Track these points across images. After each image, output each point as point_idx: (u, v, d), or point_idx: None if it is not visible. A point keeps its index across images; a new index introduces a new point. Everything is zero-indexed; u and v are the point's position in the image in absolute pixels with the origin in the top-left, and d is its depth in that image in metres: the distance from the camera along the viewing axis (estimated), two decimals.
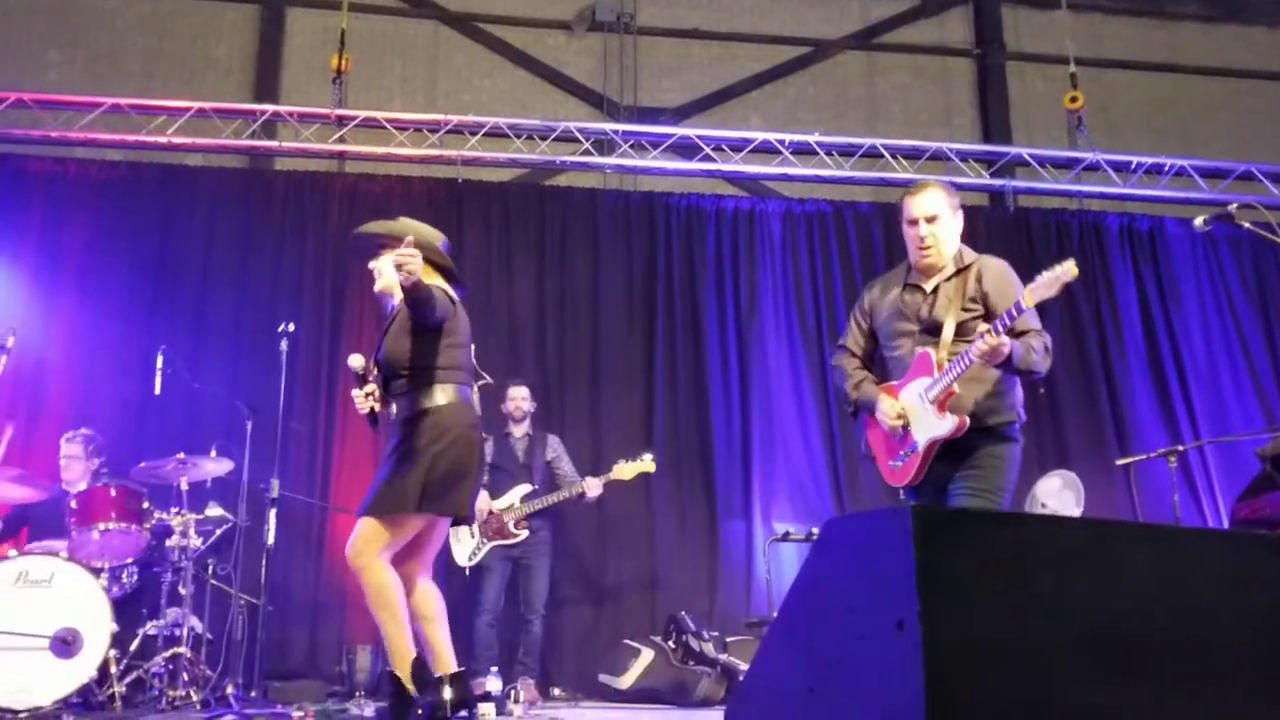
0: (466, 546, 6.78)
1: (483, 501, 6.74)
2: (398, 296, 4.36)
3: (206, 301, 7.63)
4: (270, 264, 7.90)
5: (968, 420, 3.68)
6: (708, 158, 8.70)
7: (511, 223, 8.36)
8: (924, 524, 2.02)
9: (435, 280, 4.37)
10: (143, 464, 6.09)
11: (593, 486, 6.84)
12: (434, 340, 4.26)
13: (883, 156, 8.77)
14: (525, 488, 6.88)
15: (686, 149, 8.79)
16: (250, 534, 6.22)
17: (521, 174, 8.97)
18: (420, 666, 4.14)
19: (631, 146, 8.68)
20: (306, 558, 7.32)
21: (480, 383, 4.56)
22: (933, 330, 3.80)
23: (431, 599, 4.29)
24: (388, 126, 8.38)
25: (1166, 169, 8.99)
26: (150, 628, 5.76)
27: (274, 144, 8.27)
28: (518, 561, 6.83)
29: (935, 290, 3.86)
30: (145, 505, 5.85)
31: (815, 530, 6.81)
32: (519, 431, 7.09)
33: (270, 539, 5.67)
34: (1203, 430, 8.39)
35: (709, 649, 6.66)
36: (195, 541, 5.93)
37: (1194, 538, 2.38)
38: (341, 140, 8.33)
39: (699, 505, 7.89)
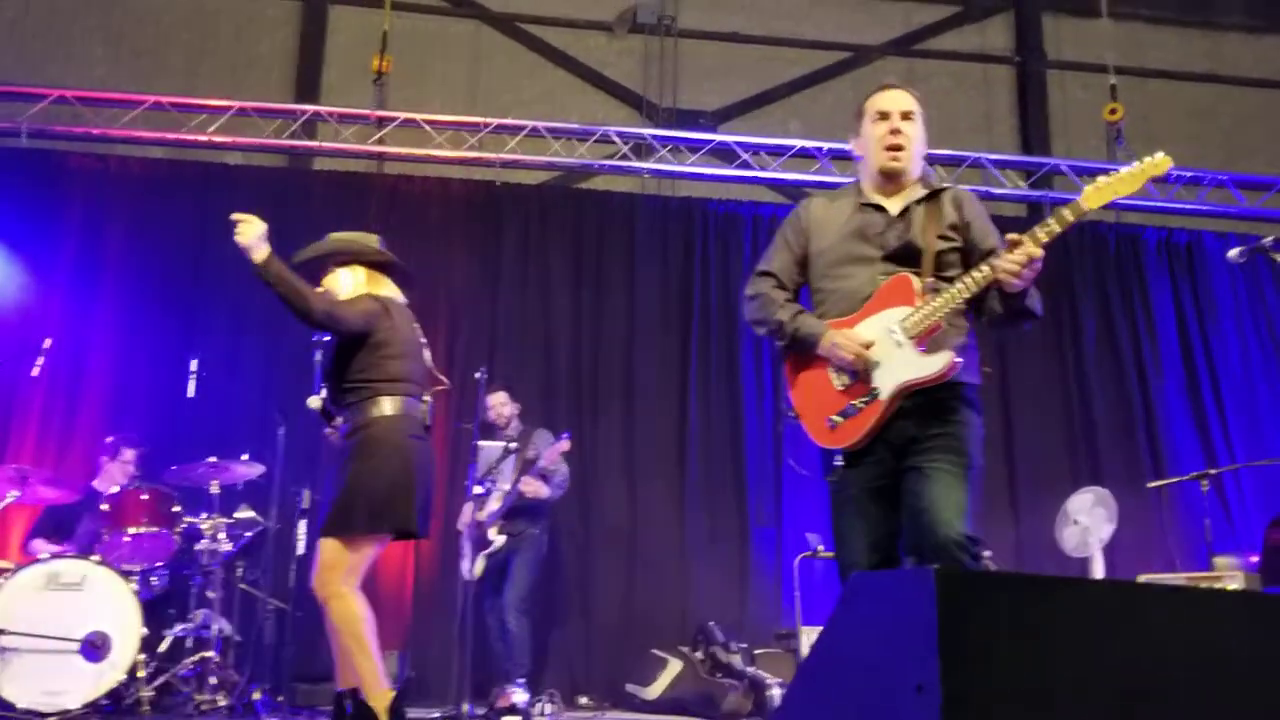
0: (468, 561, 6.57)
1: (466, 512, 6.55)
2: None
3: (244, 303, 7.52)
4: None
5: (960, 360, 2.99)
6: (745, 164, 8.61)
7: (549, 226, 8.25)
8: (947, 585, 1.98)
9: (379, 288, 4.31)
10: (174, 467, 6.05)
11: (527, 482, 6.45)
12: (368, 353, 4.16)
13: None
14: (488, 483, 6.51)
15: (725, 154, 8.71)
16: (281, 537, 6.15)
17: (558, 176, 8.95)
18: (396, 700, 4.01)
19: (669, 151, 8.64)
20: None
21: (437, 388, 4.43)
22: (902, 258, 3.12)
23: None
24: (427, 128, 8.35)
25: (1206, 182, 8.80)
26: (179, 630, 5.73)
27: (314, 144, 8.17)
28: (500, 570, 6.53)
29: (905, 213, 3.18)
30: (176, 509, 5.83)
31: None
32: (505, 435, 6.79)
33: (300, 548, 5.66)
34: (1238, 452, 8.18)
35: (737, 661, 6.60)
36: (225, 545, 5.90)
37: (1220, 600, 2.33)
38: (381, 141, 8.25)
39: (730, 514, 7.80)
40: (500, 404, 6.85)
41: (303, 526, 5.70)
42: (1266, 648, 2.20)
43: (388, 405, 4.15)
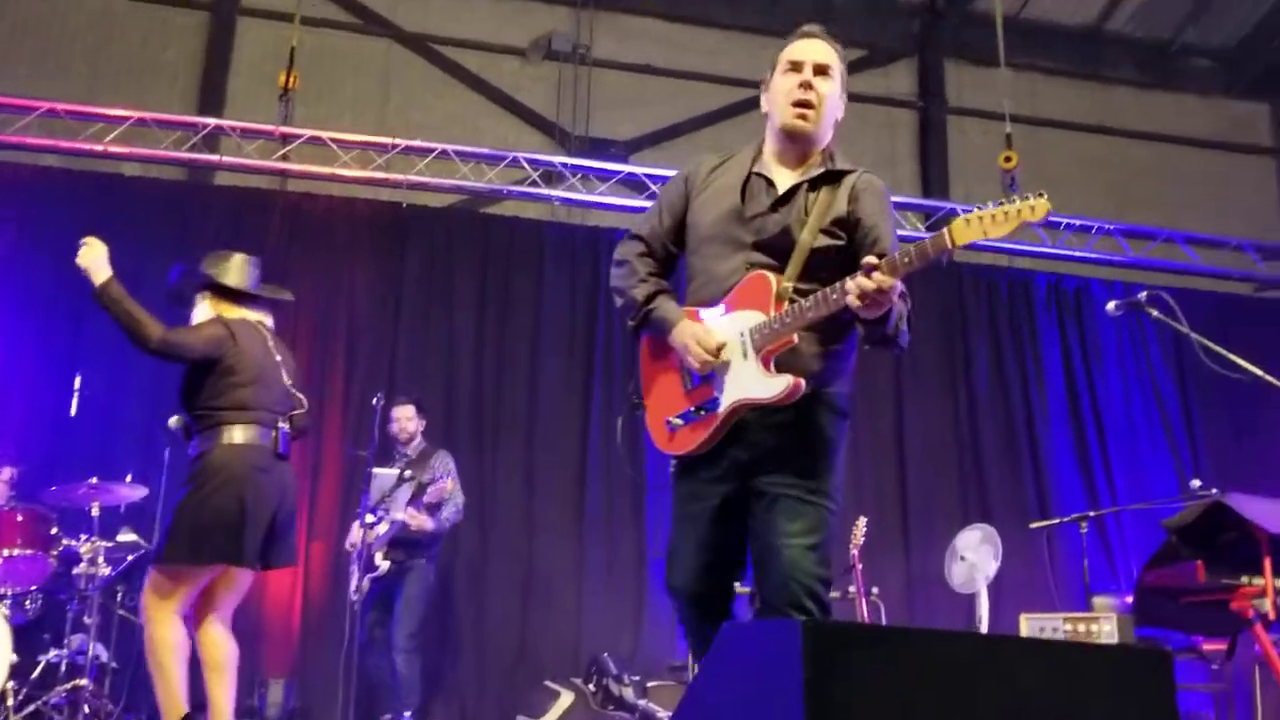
0: (354, 581, 6.39)
1: (354, 533, 6.39)
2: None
3: None
4: None
5: (804, 384, 2.62)
6: (655, 195, 8.66)
7: (454, 249, 8.13)
8: (814, 639, 1.98)
9: (233, 312, 4.27)
10: (54, 488, 5.81)
11: (409, 515, 6.25)
12: (216, 380, 4.08)
13: None
14: (380, 511, 6.30)
15: (635, 185, 8.71)
16: None
17: (466, 200, 8.85)
18: None
19: (580, 180, 8.62)
20: None
21: (295, 412, 4.32)
22: (774, 249, 2.73)
23: (216, 647, 4.09)
24: (333, 146, 8.14)
25: (1094, 230, 9.04)
26: (53, 656, 5.49)
27: (214, 157, 7.94)
28: (386, 596, 6.29)
29: (791, 194, 2.77)
30: (54, 530, 5.61)
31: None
32: (402, 453, 6.61)
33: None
34: (1121, 491, 8.37)
35: (629, 694, 6.54)
36: (104, 569, 5.66)
37: (1082, 653, 2.38)
38: (285, 158, 8.06)
39: (629, 544, 7.71)
40: (406, 418, 6.65)
41: None
42: (1125, 697, 2.25)
43: (234, 434, 4.06)
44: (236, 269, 4.34)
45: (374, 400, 6.15)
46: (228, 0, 8.98)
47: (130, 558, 6.01)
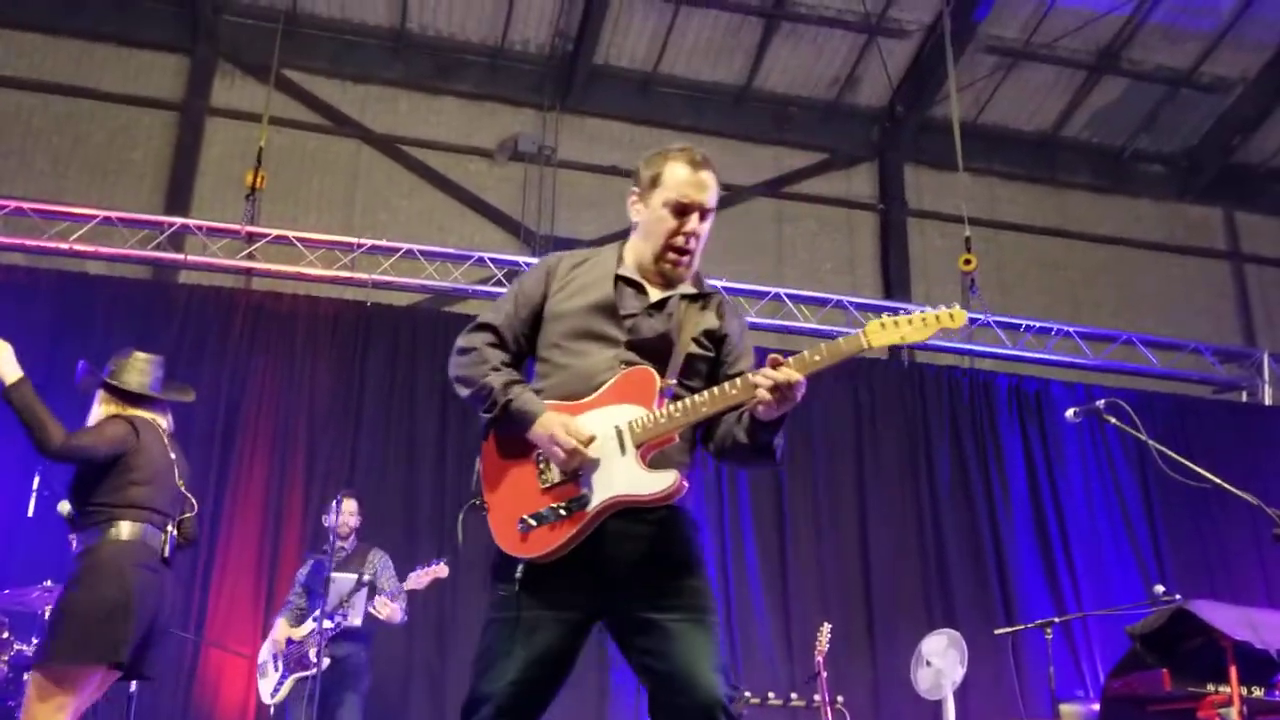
0: (270, 681, 6.18)
1: (279, 631, 6.25)
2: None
3: None
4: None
5: (687, 484, 2.54)
6: None
7: (418, 346, 8.11)
8: None
9: (130, 410, 4.23)
10: (6, 590, 5.67)
11: (381, 603, 6.12)
12: (113, 476, 4.02)
13: (786, 305, 8.95)
14: (338, 616, 6.08)
15: None
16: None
17: (430, 298, 8.86)
18: None
19: None
20: (175, 694, 6.84)
21: (186, 516, 4.26)
22: (648, 351, 2.68)
23: None
24: (299, 245, 8.23)
25: (1054, 332, 9.20)
26: None
27: (179, 256, 8.01)
28: (322, 696, 5.80)
29: (664, 304, 2.74)
30: (4, 635, 5.49)
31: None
32: (338, 547, 6.38)
33: (133, 685, 5.37)
34: (1085, 594, 8.39)
35: None
36: None
37: None
38: (250, 257, 8.13)
39: (587, 650, 7.66)
40: (350, 512, 6.50)
41: None
42: None
43: (123, 530, 3.97)
44: (138, 369, 4.32)
45: (334, 501, 6.11)
46: (197, 100, 9.10)
47: None
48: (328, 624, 5.91)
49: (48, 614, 5.58)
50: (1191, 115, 10.65)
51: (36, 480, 5.64)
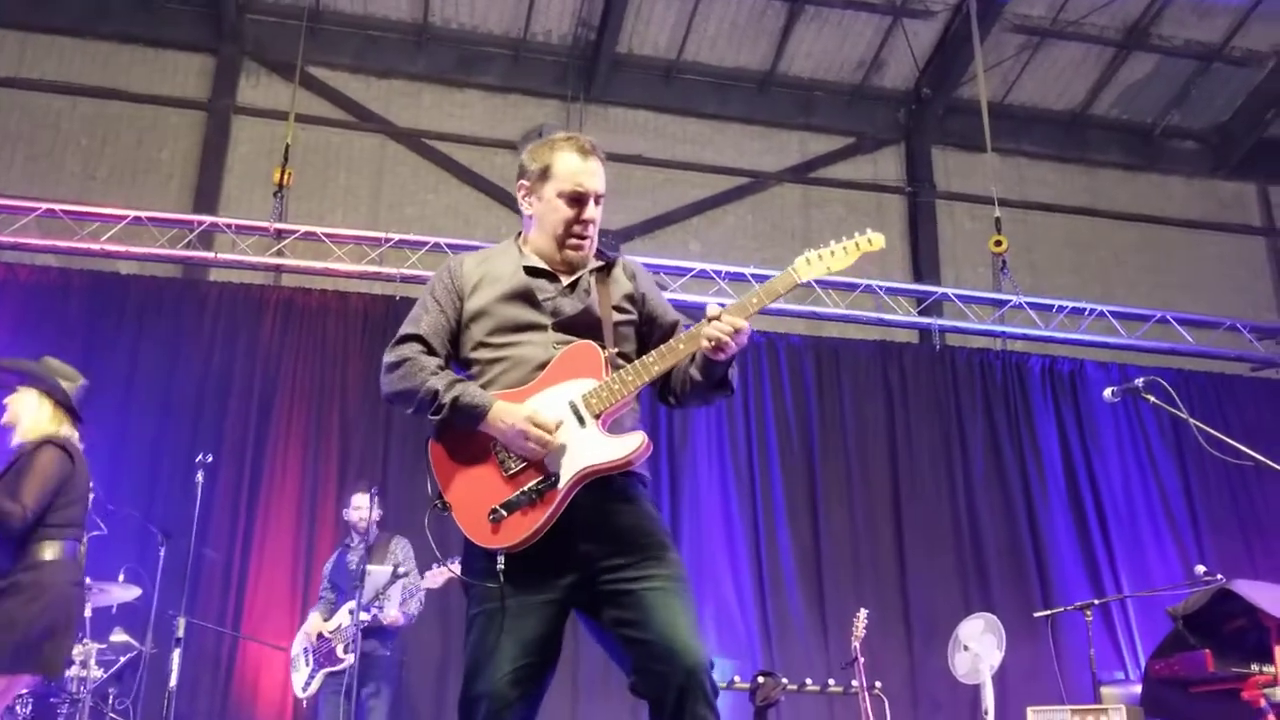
0: (302, 675, 6.22)
1: (312, 624, 6.30)
2: (20, 438, 4.26)
3: (128, 417, 7.33)
4: (197, 379, 7.64)
5: (648, 443, 2.62)
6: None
7: None
8: None
9: (61, 426, 4.28)
10: None
11: (391, 610, 6.12)
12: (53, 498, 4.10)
13: (815, 290, 8.91)
14: (374, 609, 6.11)
15: None
16: (156, 663, 5.87)
17: None
18: None
19: None
20: (214, 689, 6.93)
21: (92, 534, 4.39)
22: (577, 328, 2.71)
23: None
24: (327, 241, 8.26)
25: (1087, 313, 9.12)
26: None
27: (209, 254, 8.06)
28: (350, 690, 5.82)
29: (576, 283, 2.78)
30: None
31: (737, 679, 6.59)
32: (358, 541, 6.47)
33: (173, 680, 5.41)
34: (1123, 576, 8.35)
35: None
36: (96, 673, 5.56)
37: None
38: (279, 253, 8.18)
39: (560, 686, 7.63)
40: (359, 507, 6.51)
41: (176, 658, 5.46)
42: None
43: (63, 549, 4.10)
44: (73, 383, 4.37)
45: (370, 493, 6.14)
46: (223, 99, 9.15)
47: (123, 659, 5.95)
48: (364, 616, 5.94)
49: (88, 611, 5.69)
50: (1223, 90, 10.52)
51: None
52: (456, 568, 5.99)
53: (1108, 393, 4.61)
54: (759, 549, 8.10)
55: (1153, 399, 4.34)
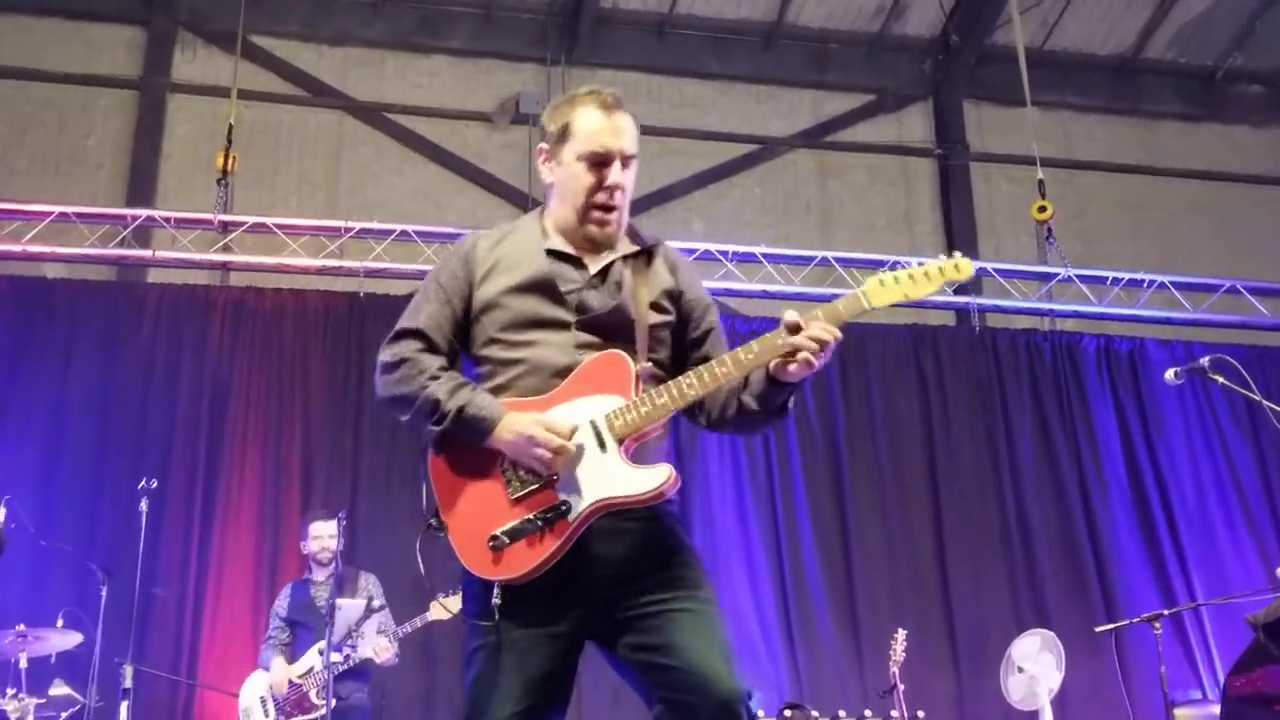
0: None
1: (278, 671, 6.28)
2: None
3: (60, 440, 7.35)
4: (137, 395, 7.65)
5: (679, 478, 2.55)
6: None
7: None
8: None
9: None
10: None
11: (383, 649, 6.13)
12: None
13: (836, 270, 8.91)
14: (347, 648, 6.12)
15: None
16: (102, 718, 5.89)
17: None
18: None
19: None
20: None
21: None
22: (605, 328, 2.64)
23: None
24: (279, 233, 8.26)
25: (1146, 285, 9.11)
26: None
27: (146, 253, 8.08)
28: None
29: (607, 272, 2.72)
30: None
31: (761, 714, 6.61)
32: (322, 575, 6.48)
33: None
34: (1197, 582, 8.36)
35: None
36: None
37: None
38: (226, 249, 8.18)
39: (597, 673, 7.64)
40: (327, 535, 6.49)
41: (125, 712, 5.49)
42: None
43: None
44: None
45: (338, 518, 6.15)
46: (156, 76, 9.16)
47: (64, 715, 5.96)
48: (336, 657, 5.95)
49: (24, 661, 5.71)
50: None
51: (2, 511, 5.72)
52: (454, 604, 5.99)
53: (1170, 374, 4.64)
54: (781, 566, 8.11)
55: (1221, 380, 4.38)
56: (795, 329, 2.51)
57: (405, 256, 8.45)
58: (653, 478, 2.51)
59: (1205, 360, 4.44)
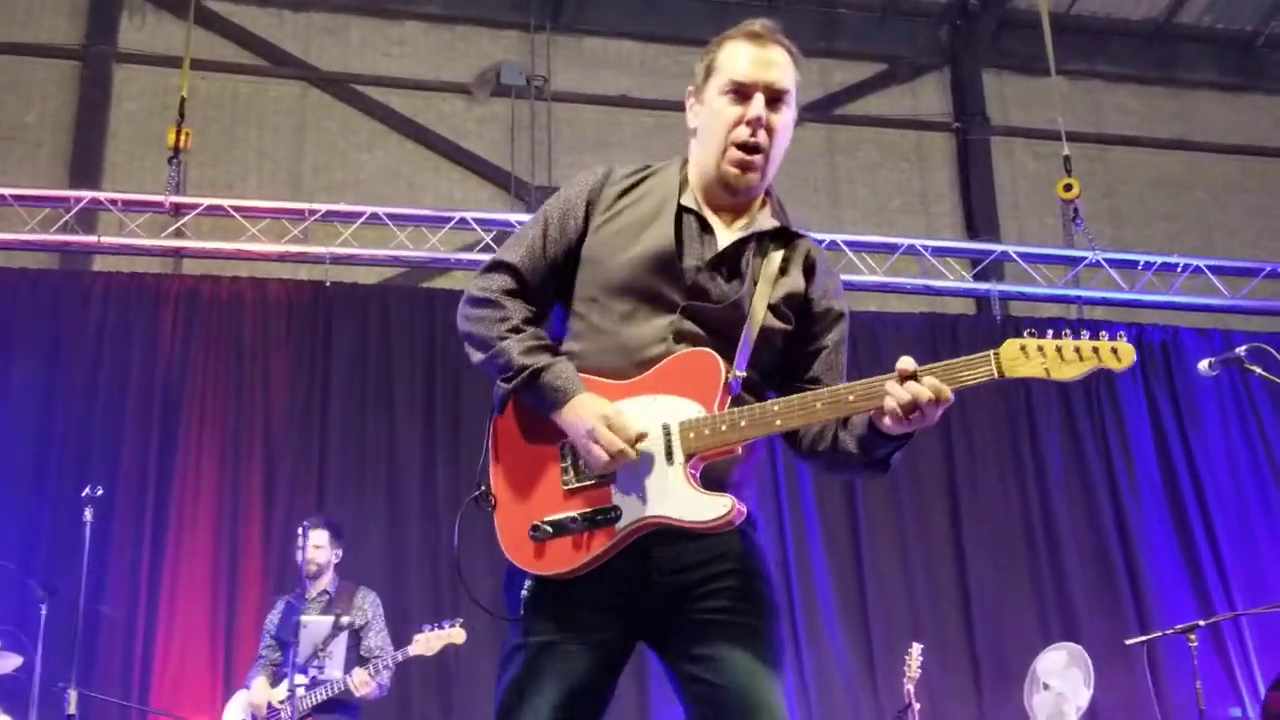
0: None
1: (258, 692, 6.22)
2: None
3: None
4: (82, 393, 7.60)
5: (744, 510, 2.44)
6: None
7: (392, 333, 8.16)
8: None
9: None
10: None
11: (361, 680, 6.06)
12: None
13: (846, 254, 8.87)
14: (313, 669, 6.07)
15: None
16: None
17: (404, 273, 8.85)
18: None
19: None
20: None
21: None
22: (713, 321, 2.55)
23: None
24: (237, 216, 8.21)
25: (1180, 269, 9.08)
26: None
27: (91, 238, 8.01)
28: None
29: (740, 248, 2.60)
30: None
31: None
32: (315, 590, 6.45)
33: None
34: (1235, 590, 8.36)
35: None
36: None
37: None
38: (178, 233, 8.12)
39: (625, 691, 7.68)
40: (316, 546, 6.45)
41: None
42: None
43: None
44: None
45: (299, 529, 6.11)
46: (101, 44, 9.10)
47: None
48: (300, 679, 5.91)
49: None
50: None
51: None
52: (456, 633, 5.96)
53: (1204, 365, 4.61)
54: (789, 576, 8.09)
55: (1259, 370, 4.34)
56: (906, 377, 2.37)
57: (375, 241, 8.41)
58: (711, 508, 2.42)
59: (1242, 349, 4.41)
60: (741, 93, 2.56)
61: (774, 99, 2.57)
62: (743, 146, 2.56)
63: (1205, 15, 10.65)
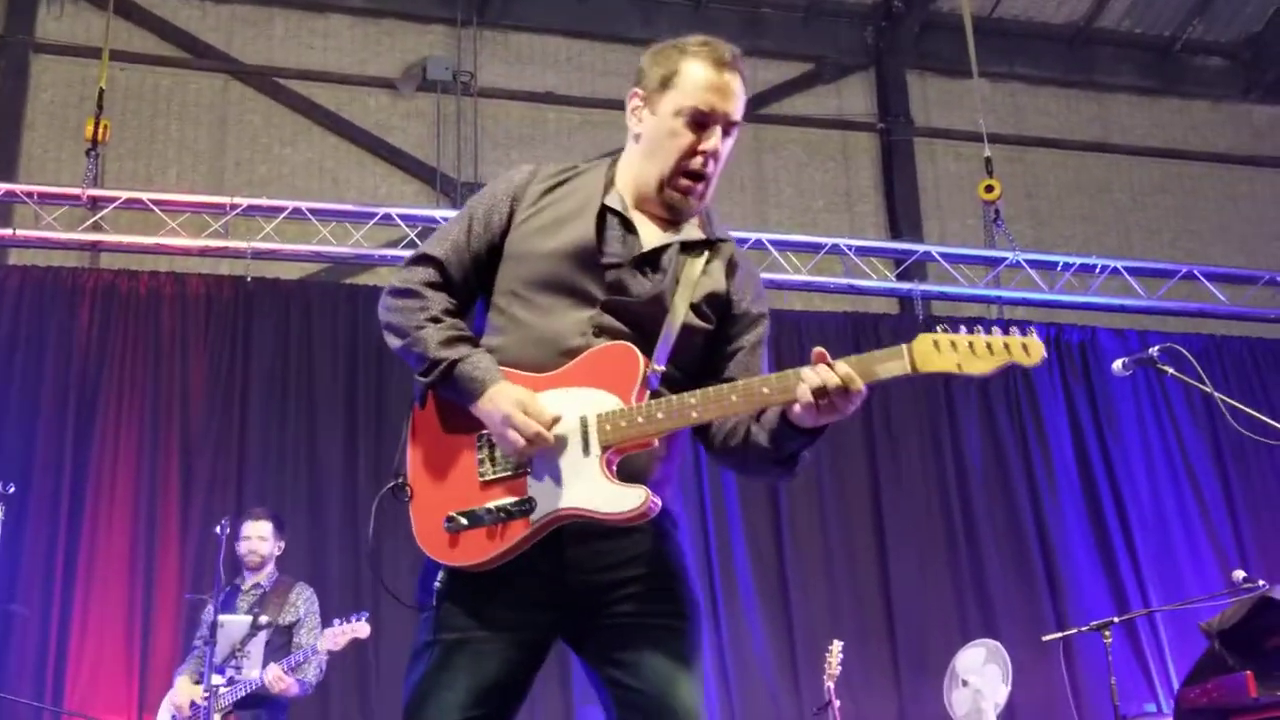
0: None
1: (181, 692, 6.15)
2: None
3: None
4: None
5: (659, 503, 2.44)
6: None
7: (315, 332, 8.12)
8: None
9: None
10: None
11: (274, 676, 5.98)
12: None
13: (771, 253, 8.91)
14: (230, 669, 5.99)
15: None
16: None
17: (326, 268, 8.80)
18: None
19: None
20: None
21: None
22: (632, 316, 2.56)
23: None
24: (157, 210, 8.10)
25: (1099, 270, 9.19)
26: None
27: (6, 231, 7.91)
28: None
29: (661, 253, 2.61)
30: None
31: None
32: (250, 583, 6.40)
33: None
34: (1151, 587, 8.48)
35: None
36: None
37: None
38: (96, 227, 8.02)
39: (549, 690, 7.66)
40: (259, 537, 6.43)
41: None
42: None
43: None
44: None
45: (218, 528, 6.05)
46: (17, 34, 8.96)
47: None
48: (217, 679, 5.85)
49: None
50: None
51: None
52: (361, 628, 5.94)
53: (1118, 365, 4.66)
54: (712, 574, 8.11)
55: (1170, 371, 4.39)
56: (819, 360, 2.40)
57: (298, 236, 8.34)
58: (626, 499, 2.42)
59: (1154, 350, 4.44)
60: (701, 122, 2.59)
61: (727, 129, 2.62)
62: (694, 175, 2.60)
63: (1125, 19, 10.80)
